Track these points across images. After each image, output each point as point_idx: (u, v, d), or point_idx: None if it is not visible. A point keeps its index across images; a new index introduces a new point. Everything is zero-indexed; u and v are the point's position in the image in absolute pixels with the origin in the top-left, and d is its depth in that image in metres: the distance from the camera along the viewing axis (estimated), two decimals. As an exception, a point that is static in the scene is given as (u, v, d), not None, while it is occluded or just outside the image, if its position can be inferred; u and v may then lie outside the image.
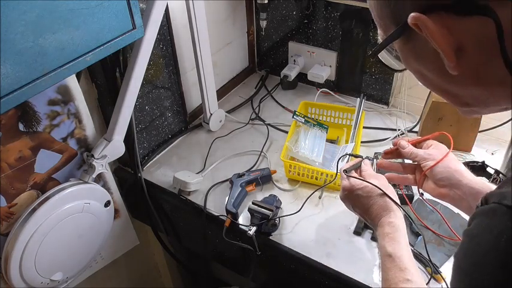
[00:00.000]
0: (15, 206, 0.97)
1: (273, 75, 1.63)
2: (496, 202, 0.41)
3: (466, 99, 0.49)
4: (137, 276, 1.59)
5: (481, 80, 0.45)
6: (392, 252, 0.69)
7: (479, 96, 0.48)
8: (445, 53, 0.43)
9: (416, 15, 0.42)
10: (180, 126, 1.38)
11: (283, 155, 1.16)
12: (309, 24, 1.45)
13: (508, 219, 0.38)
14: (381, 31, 0.51)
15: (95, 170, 1.03)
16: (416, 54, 0.48)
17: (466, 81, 0.46)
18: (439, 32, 0.41)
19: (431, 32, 0.41)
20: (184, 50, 1.27)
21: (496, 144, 1.26)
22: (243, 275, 1.22)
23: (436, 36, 0.42)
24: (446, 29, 0.41)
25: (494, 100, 0.47)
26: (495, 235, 0.39)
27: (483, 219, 0.42)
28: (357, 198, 0.80)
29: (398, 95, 1.40)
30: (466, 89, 0.47)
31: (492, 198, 0.42)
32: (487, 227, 0.41)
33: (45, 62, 0.70)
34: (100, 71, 1.06)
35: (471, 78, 0.45)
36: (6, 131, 0.90)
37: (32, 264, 0.98)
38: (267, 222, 1.02)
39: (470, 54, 0.42)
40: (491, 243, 0.39)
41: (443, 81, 0.48)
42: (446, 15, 0.41)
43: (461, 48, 0.42)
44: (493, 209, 0.41)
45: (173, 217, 1.26)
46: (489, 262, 0.39)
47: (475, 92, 0.47)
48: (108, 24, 0.77)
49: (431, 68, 0.48)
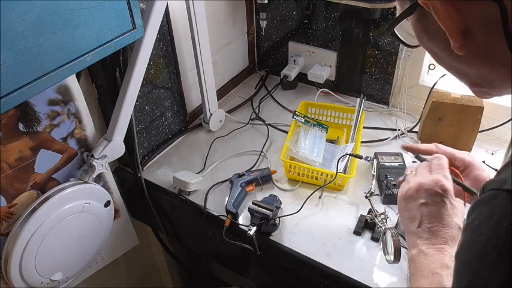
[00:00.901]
0: (15, 206, 0.97)
1: (273, 75, 1.63)
2: (495, 188, 0.40)
3: (475, 78, 0.50)
4: (137, 276, 1.59)
5: (487, 60, 0.46)
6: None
7: (486, 76, 0.49)
8: (450, 33, 0.44)
9: None
10: (180, 126, 1.38)
11: (283, 155, 1.16)
12: (309, 24, 1.45)
13: (509, 203, 0.38)
14: (399, 6, 0.52)
15: (95, 170, 1.04)
16: (427, 31, 0.50)
17: (472, 61, 0.47)
18: (446, 12, 0.43)
19: (438, 11, 0.43)
20: (184, 50, 1.27)
21: (496, 144, 1.26)
22: (243, 275, 1.22)
23: (442, 16, 0.43)
24: (454, 10, 0.43)
25: (501, 82, 0.48)
26: (496, 221, 0.38)
27: (482, 209, 0.41)
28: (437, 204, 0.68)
29: (398, 95, 1.40)
30: (473, 68, 0.48)
31: (491, 185, 0.41)
32: (487, 216, 0.40)
33: (45, 62, 0.70)
34: (100, 71, 1.06)
35: (477, 58, 0.46)
36: (6, 131, 0.90)
37: (32, 264, 0.98)
38: (267, 222, 1.02)
39: (476, 36, 0.44)
40: (492, 230, 0.38)
41: (452, 60, 0.49)
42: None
43: (468, 29, 0.43)
44: (493, 195, 0.40)
45: (173, 217, 1.26)
46: (490, 250, 0.38)
47: (481, 72, 0.48)
48: (108, 24, 0.77)
49: (440, 46, 0.49)
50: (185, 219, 1.23)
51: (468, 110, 1.16)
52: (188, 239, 1.30)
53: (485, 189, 0.42)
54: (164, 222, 1.29)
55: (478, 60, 0.46)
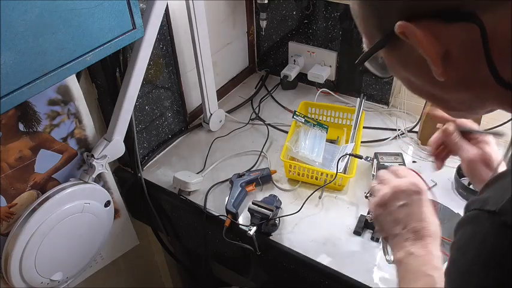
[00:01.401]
0: (15, 206, 0.97)
1: (273, 75, 1.63)
2: (477, 208, 0.40)
3: (453, 103, 0.50)
4: (137, 276, 1.59)
5: (467, 84, 0.45)
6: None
7: (465, 100, 0.48)
8: (432, 60, 0.43)
9: (403, 23, 0.42)
10: (180, 126, 1.38)
11: (283, 155, 1.16)
12: (309, 24, 1.45)
13: (490, 224, 0.38)
14: (366, 40, 0.50)
15: (95, 170, 1.04)
16: (402, 62, 0.49)
17: (452, 87, 0.46)
18: (426, 39, 0.42)
19: (418, 39, 0.42)
20: (184, 50, 1.27)
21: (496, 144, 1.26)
22: (243, 275, 1.22)
23: (423, 43, 0.42)
24: (433, 36, 0.42)
25: (480, 103, 0.48)
26: (479, 241, 0.39)
27: (467, 228, 0.42)
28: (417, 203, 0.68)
29: (398, 95, 1.40)
30: (452, 93, 0.48)
31: (473, 204, 0.41)
32: (470, 236, 0.40)
33: (45, 62, 0.70)
34: (100, 71, 1.06)
35: (457, 83, 0.45)
36: (6, 131, 0.90)
37: (32, 264, 0.98)
38: (267, 222, 1.02)
39: (456, 59, 0.43)
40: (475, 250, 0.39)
41: (430, 87, 0.48)
42: (432, 23, 0.41)
43: (448, 54, 0.43)
44: (475, 215, 0.40)
45: (173, 217, 1.26)
46: (475, 270, 0.39)
47: (461, 96, 0.48)
48: (108, 24, 0.77)
49: (418, 74, 0.48)
50: (185, 219, 1.23)
51: (468, 110, 1.15)
52: (188, 239, 1.30)
53: (469, 208, 0.42)
54: (164, 222, 1.29)
55: (459, 85, 0.46)
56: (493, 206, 0.38)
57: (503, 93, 0.42)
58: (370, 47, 0.49)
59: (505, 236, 0.37)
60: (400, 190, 0.70)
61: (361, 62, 0.52)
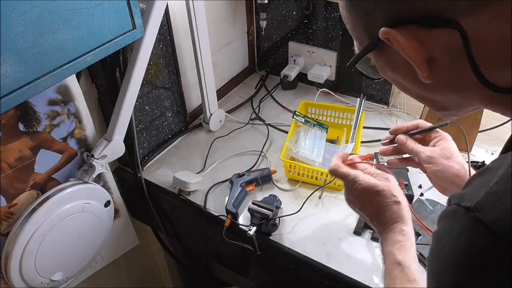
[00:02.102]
0: (15, 206, 0.97)
1: (273, 75, 1.63)
2: (455, 203, 0.41)
3: (442, 104, 0.51)
4: (137, 276, 1.59)
5: (454, 86, 0.46)
6: (403, 261, 0.66)
7: (454, 101, 0.50)
8: (416, 64, 0.45)
9: (386, 30, 0.43)
10: (180, 126, 1.38)
11: (283, 155, 1.16)
12: (309, 24, 1.45)
13: (466, 220, 0.39)
14: (357, 43, 0.52)
15: (95, 170, 1.04)
16: (391, 65, 0.50)
17: (439, 88, 0.48)
18: (409, 44, 0.43)
19: (401, 45, 0.43)
20: (184, 50, 1.27)
21: (496, 144, 1.26)
22: (243, 275, 1.22)
23: (406, 49, 0.43)
24: (416, 41, 0.43)
25: (468, 102, 0.49)
26: (455, 236, 0.40)
27: (446, 221, 0.43)
28: (369, 201, 0.75)
29: (398, 95, 1.40)
30: (440, 95, 0.50)
31: (453, 199, 0.42)
32: (449, 229, 0.41)
33: (45, 62, 0.70)
34: (100, 71, 1.06)
35: (444, 85, 0.47)
36: (6, 131, 0.90)
37: (32, 264, 0.98)
38: (267, 222, 1.02)
39: (441, 63, 0.44)
40: (451, 244, 0.40)
41: (419, 89, 0.50)
42: (415, 28, 0.42)
43: (433, 58, 0.44)
44: (454, 210, 0.41)
45: (173, 217, 1.26)
46: (451, 263, 0.40)
47: (449, 97, 0.49)
48: (108, 24, 0.77)
49: (406, 77, 0.50)
50: (185, 219, 1.23)
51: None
52: (188, 239, 1.30)
53: (449, 202, 0.43)
54: (164, 222, 1.29)
55: (445, 87, 0.47)
56: (469, 202, 0.39)
57: (488, 94, 0.44)
58: (360, 50, 0.51)
59: (478, 232, 0.37)
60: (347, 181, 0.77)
61: (352, 64, 0.54)
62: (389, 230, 0.71)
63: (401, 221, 0.71)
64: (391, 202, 0.72)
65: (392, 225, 0.71)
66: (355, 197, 0.76)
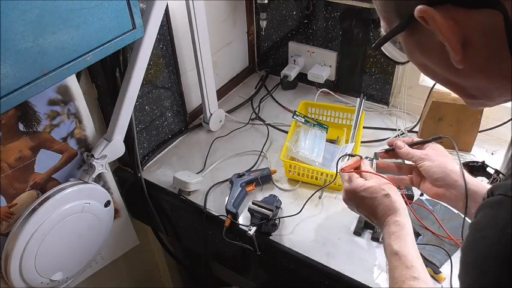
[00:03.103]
0: (15, 206, 0.97)
1: (273, 75, 1.63)
2: (501, 194, 0.40)
3: (472, 91, 0.49)
4: (137, 276, 1.59)
5: (487, 72, 0.44)
6: (399, 250, 0.68)
7: (485, 89, 0.48)
8: (451, 46, 0.42)
9: (424, 7, 0.41)
10: (180, 126, 1.38)
11: (283, 155, 1.16)
12: (309, 24, 1.45)
13: None
14: (385, 24, 0.50)
15: (95, 170, 1.03)
16: (421, 47, 0.48)
17: (471, 74, 0.45)
18: (447, 24, 0.41)
19: (438, 24, 0.41)
20: (184, 50, 1.27)
21: (496, 144, 1.26)
22: (243, 275, 1.22)
23: (443, 29, 0.41)
24: (454, 22, 0.41)
25: (499, 92, 0.47)
26: (501, 227, 0.38)
27: (488, 211, 0.41)
28: (361, 199, 0.78)
29: (398, 95, 1.40)
30: (471, 81, 0.47)
31: (498, 189, 0.41)
32: (492, 219, 0.40)
33: (45, 62, 0.70)
34: (100, 71, 1.06)
35: (477, 71, 0.45)
36: (6, 131, 0.90)
37: (32, 264, 0.98)
38: (267, 222, 1.02)
39: (477, 47, 0.42)
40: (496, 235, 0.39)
41: (449, 73, 0.48)
42: (453, 8, 0.41)
43: (468, 41, 0.42)
44: (499, 200, 0.40)
45: (173, 217, 1.26)
46: (495, 255, 0.38)
47: (480, 84, 0.47)
48: (108, 24, 0.77)
49: (436, 60, 0.48)
50: (185, 219, 1.23)
51: (468, 110, 1.16)
52: (188, 239, 1.30)
53: (493, 193, 0.42)
54: (164, 222, 1.29)
55: (477, 73, 0.45)
56: None
57: None
58: (389, 31, 0.48)
59: None
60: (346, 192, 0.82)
61: (378, 46, 0.52)
62: (386, 224, 0.74)
63: (394, 213, 0.74)
64: (380, 196, 0.75)
65: (387, 218, 0.74)
66: (348, 198, 0.81)
